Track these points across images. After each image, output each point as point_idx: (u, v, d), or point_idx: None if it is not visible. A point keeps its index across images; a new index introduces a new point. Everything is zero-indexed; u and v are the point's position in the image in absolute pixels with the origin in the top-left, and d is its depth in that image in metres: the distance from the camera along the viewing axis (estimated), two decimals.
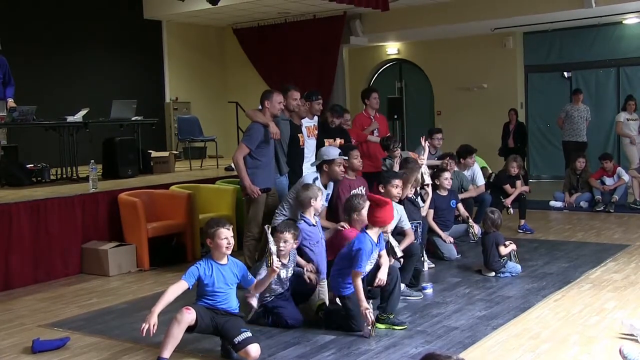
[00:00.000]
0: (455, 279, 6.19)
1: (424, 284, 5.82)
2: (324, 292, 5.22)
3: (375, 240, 4.78)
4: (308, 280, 5.02)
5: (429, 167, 7.35)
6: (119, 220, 7.27)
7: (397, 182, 5.94)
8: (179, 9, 11.73)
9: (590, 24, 12.67)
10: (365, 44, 14.00)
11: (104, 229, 7.24)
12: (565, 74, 13.71)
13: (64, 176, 8.66)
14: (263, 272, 4.63)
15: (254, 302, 4.81)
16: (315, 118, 7.22)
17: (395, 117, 13.48)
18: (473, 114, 13.93)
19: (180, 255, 7.39)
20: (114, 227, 7.28)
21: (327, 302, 5.15)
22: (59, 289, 6.42)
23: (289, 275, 4.91)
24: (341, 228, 5.54)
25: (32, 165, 8.60)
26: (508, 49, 13.75)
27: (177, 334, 4.00)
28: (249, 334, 4.13)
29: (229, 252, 4.28)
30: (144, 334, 3.92)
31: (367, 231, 4.79)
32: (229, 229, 4.24)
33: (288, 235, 4.85)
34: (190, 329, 4.07)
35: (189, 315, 4.00)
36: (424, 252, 6.65)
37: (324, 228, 5.61)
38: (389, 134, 8.47)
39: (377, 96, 8.46)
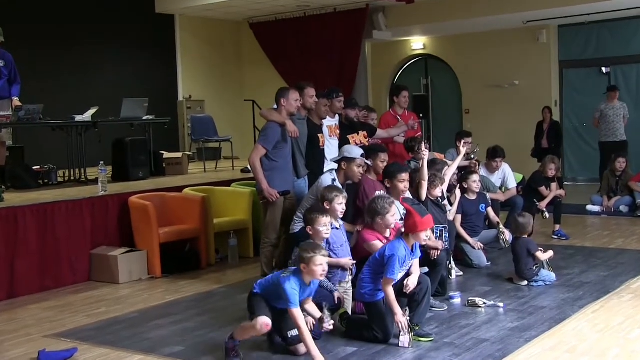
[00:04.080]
0: (485, 288, 6.14)
1: (451, 293, 5.79)
2: (348, 299, 5.21)
3: (410, 247, 4.76)
4: (336, 302, 4.99)
5: (458, 168, 7.29)
6: (129, 224, 7.30)
7: (404, 176, 5.88)
8: (193, 3, 11.82)
9: (630, 15, 12.54)
10: (389, 38, 13.98)
11: (113, 234, 7.28)
12: (603, 69, 13.57)
13: (72, 178, 8.72)
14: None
15: None
16: (337, 117, 7.19)
17: (421, 116, 13.43)
18: (504, 113, 13.84)
19: (193, 262, 7.41)
20: (124, 232, 7.31)
21: (350, 312, 5.14)
22: (67, 297, 6.46)
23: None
24: (358, 230, 5.53)
25: (39, 167, 8.70)
26: (541, 43, 13.64)
27: (249, 335, 4.43)
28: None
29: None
30: None
31: (403, 237, 4.77)
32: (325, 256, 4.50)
33: (327, 219, 4.97)
34: None
35: (266, 330, 4.33)
36: (452, 260, 6.60)
37: (348, 232, 5.59)
38: (417, 135, 8.40)
39: (407, 95, 8.44)
